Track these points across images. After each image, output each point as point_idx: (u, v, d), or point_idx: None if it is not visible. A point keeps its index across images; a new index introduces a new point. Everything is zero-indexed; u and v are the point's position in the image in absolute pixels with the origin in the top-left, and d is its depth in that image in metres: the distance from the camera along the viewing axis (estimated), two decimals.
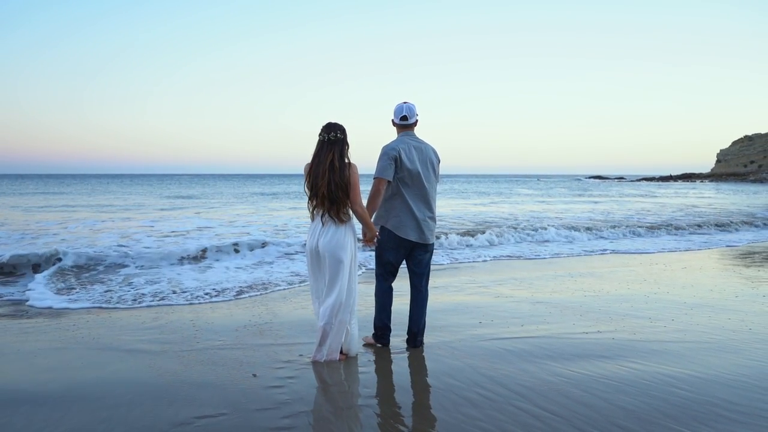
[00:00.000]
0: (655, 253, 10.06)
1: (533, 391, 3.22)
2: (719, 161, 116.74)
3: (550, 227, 12.59)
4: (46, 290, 6.40)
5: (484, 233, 11.44)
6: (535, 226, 13.43)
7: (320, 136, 3.68)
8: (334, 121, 3.72)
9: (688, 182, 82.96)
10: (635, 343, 4.22)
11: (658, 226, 13.94)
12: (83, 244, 9.92)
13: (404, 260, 4.10)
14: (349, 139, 3.73)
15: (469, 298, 6.07)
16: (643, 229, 13.22)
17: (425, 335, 4.25)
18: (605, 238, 12.11)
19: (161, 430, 2.77)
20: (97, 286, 6.72)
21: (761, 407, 2.99)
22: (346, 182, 3.61)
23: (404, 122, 4.03)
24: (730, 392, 3.19)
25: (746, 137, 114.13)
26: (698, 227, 13.96)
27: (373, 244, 3.93)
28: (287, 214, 19.04)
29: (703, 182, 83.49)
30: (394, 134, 4.13)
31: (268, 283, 6.90)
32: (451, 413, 2.95)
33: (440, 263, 8.69)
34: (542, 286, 6.72)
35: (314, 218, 3.78)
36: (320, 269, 3.78)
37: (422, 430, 2.79)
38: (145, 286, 6.68)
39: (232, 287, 6.59)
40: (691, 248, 10.79)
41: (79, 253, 8.11)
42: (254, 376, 3.53)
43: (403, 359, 3.92)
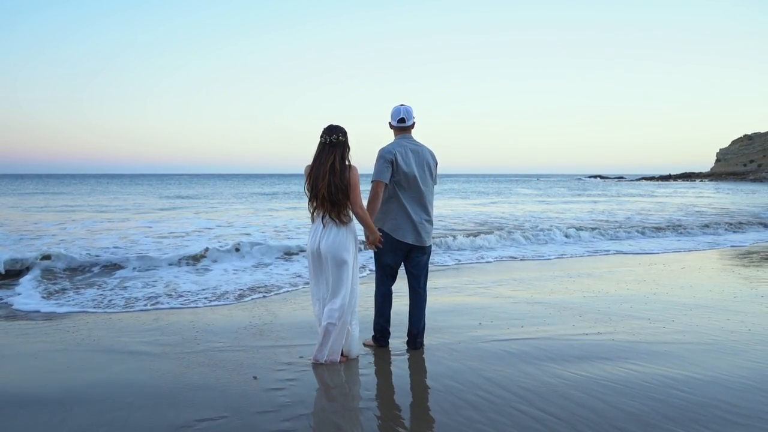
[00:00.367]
0: (657, 253, 10.06)
1: (534, 393, 3.23)
2: (719, 160, 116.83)
3: (552, 228, 12.58)
4: (34, 293, 6.27)
5: (486, 234, 11.41)
6: (536, 226, 13.45)
7: (322, 138, 3.69)
8: (335, 123, 3.73)
9: (687, 182, 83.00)
10: (635, 344, 4.22)
11: (658, 226, 13.92)
12: (81, 245, 9.86)
13: (402, 262, 4.10)
14: (349, 141, 3.74)
15: (469, 299, 6.07)
16: (645, 229, 13.16)
17: (426, 336, 4.25)
18: (607, 239, 12.05)
19: None
20: (90, 289, 6.60)
21: (761, 409, 2.99)
22: (346, 184, 3.62)
23: (402, 125, 4.02)
24: (730, 394, 3.19)
25: (746, 136, 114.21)
26: (705, 227, 13.88)
27: (375, 246, 3.90)
28: (286, 214, 19.05)
29: (702, 181, 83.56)
30: (393, 134, 4.13)
31: (267, 285, 6.85)
32: (451, 416, 2.95)
33: (444, 264, 8.69)
34: (542, 286, 6.72)
35: (315, 220, 3.79)
36: (321, 271, 3.78)
37: None
38: (141, 289, 6.55)
39: (231, 290, 6.53)
40: (693, 249, 10.74)
41: (72, 255, 7.95)
42: (255, 378, 3.53)
43: (403, 361, 3.93)
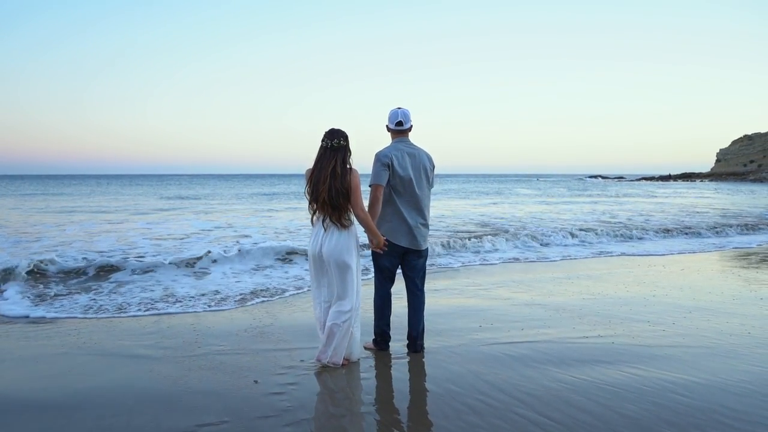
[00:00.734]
0: (659, 255, 10.05)
1: (535, 397, 3.23)
2: (719, 161, 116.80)
3: (556, 231, 12.57)
4: (21, 298, 6.15)
5: (488, 236, 11.38)
6: (538, 227, 13.45)
7: (323, 142, 3.70)
8: (337, 127, 3.74)
9: (687, 182, 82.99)
10: (635, 347, 4.23)
11: (660, 227, 13.82)
12: (78, 248, 9.81)
13: (399, 265, 4.11)
14: (350, 145, 3.75)
15: (469, 301, 6.07)
16: (647, 231, 13.05)
17: (426, 339, 4.26)
18: (609, 240, 11.97)
19: None
20: (84, 294, 6.44)
21: (761, 414, 2.99)
22: (347, 188, 3.63)
23: (399, 128, 4.03)
24: (730, 399, 3.19)
25: (746, 137, 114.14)
26: (712, 229, 13.77)
27: (380, 249, 3.86)
28: (286, 215, 19.05)
29: (702, 181, 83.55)
30: (390, 137, 4.13)
31: (268, 288, 6.79)
32: (452, 420, 2.96)
33: (449, 266, 8.66)
34: (542, 288, 6.72)
35: (315, 223, 3.80)
36: (323, 274, 3.79)
37: None
38: (137, 294, 6.41)
39: (232, 294, 6.43)
40: (697, 250, 10.69)
41: (63, 261, 7.76)
42: (255, 382, 3.53)
43: (403, 364, 3.93)
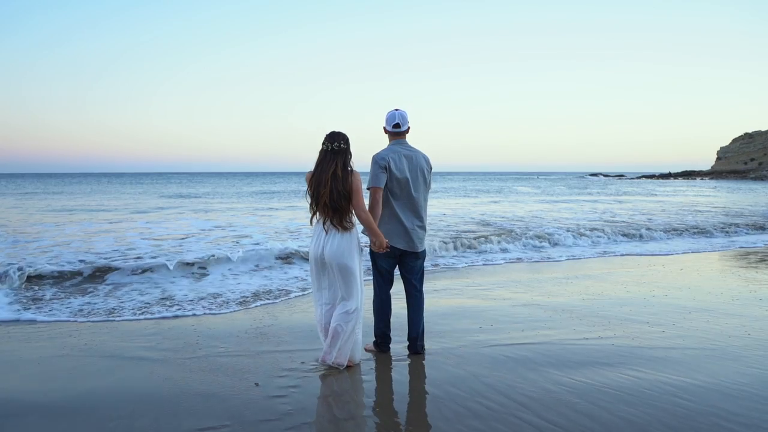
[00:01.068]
0: (661, 255, 10.05)
1: (536, 401, 3.23)
2: (719, 159, 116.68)
3: (556, 229, 12.55)
4: (13, 302, 6.02)
5: (490, 236, 11.36)
6: (539, 227, 13.43)
7: (324, 145, 3.71)
8: (337, 130, 3.75)
9: (688, 180, 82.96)
10: (636, 349, 4.23)
11: (662, 227, 13.72)
12: (76, 248, 9.75)
13: (397, 266, 4.13)
14: (353, 146, 3.77)
15: (469, 301, 6.08)
16: (649, 230, 12.97)
17: (426, 341, 4.27)
18: (610, 240, 11.89)
19: None
20: (79, 296, 6.32)
21: (762, 418, 2.99)
22: (349, 190, 3.64)
23: (396, 130, 4.03)
24: (731, 402, 3.20)
25: (746, 134, 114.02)
26: (718, 228, 13.68)
27: (382, 250, 3.86)
28: (286, 214, 19.04)
29: (703, 179, 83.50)
30: (387, 139, 4.13)
31: (268, 289, 6.73)
32: (453, 424, 2.96)
33: (450, 266, 8.65)
34: (542, 289, 6.72)
35: (315, 225, 3.80)
36: (324, 277, 3.81)
37: None
38: (135, 296, 6.30)
39: (233, 297, 6.33)
40: (701, 250, 10.66)
41: (52, 268, 7.53)
42: (256, 385, 3.54)
43: (404, 366, 3.93)
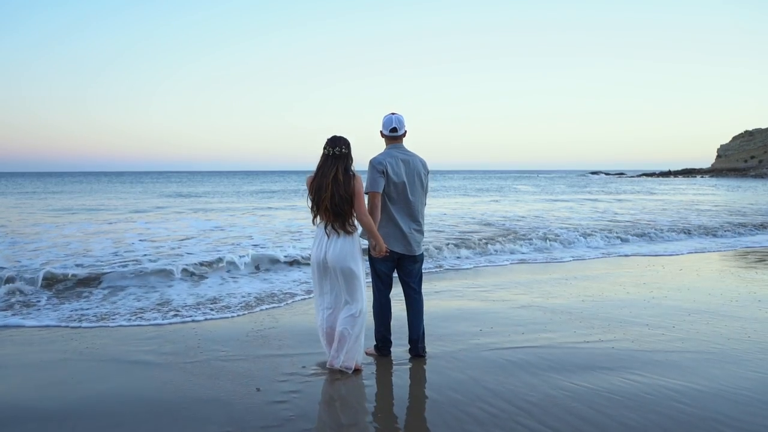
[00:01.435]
0: (661, 255, 10.04)
1: (537, 406, 3.23)
2: (719, 156, 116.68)
3: (556, 230, 12.50)
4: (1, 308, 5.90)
5: (490, 236, 11.34)
6: (540, 227, 13.41)
7: (325, 150, 3.72)
8: (339, 135, 3.77)
9: (688, 178, 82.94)
10: (636, 352, 4.23)
11: (664, 227, 13.57)
12: (74, 250, 9.71)
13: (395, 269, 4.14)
14: (353, 146, 3.79)
15: (470, 303, 6.08)
16: (651, 230, 12.86)
17: (427, 344, 4.27)
18: (612, 241, 11.71)
19: None
20: (73, 302, 6.20)
21: (763, 423, 3.00)
22: (351, 194, 3.66)
23: (393, 134, 4.04)
24: (731, 407, 3.20)
25: (746, 132, 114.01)
26: (728, 229, 13.51)
27: (383, 254, 3.88)
28: (286, 214, 19.03)
29: (703, 177, 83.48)
30: (384, 143, 4.14)
31: (269, 293, 6.63)
32: (454, 430, 2.96)
33: (451, 267, 8.61)
34: (543, 290, 6.73)
35: (317, 229, 3.82)
36: (326, 281, 3.82)
37: None
38: (132, 302, 6.17)
39: (233, 301, 6.20)
40: (706, 250, 10.60)
41: (56, 267, 7.52)
42: (258, 390, 3.54)
43: (405, 371, 3.94)
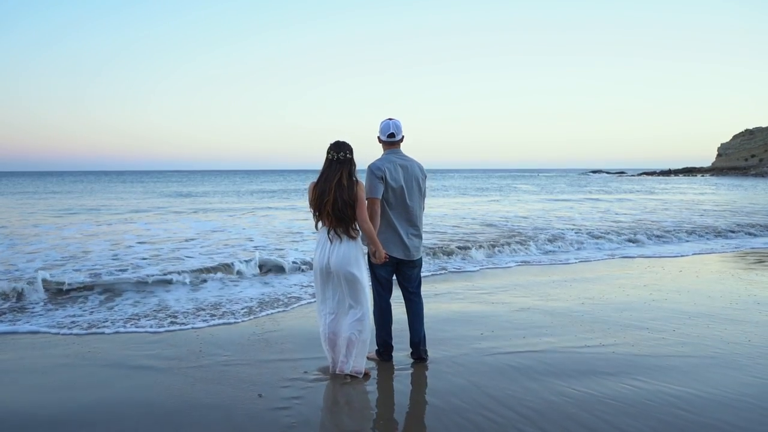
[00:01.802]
0: (665, 257, 10.04)
1: (538, 413, 3.24)
2: (720, 155, 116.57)
3: (557, 232, 12.47)
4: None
5: (493, 238, 11.32)
6: (543, 229, 13.40)
7: (329, 155, 3.74)
8: (342, 140, 3.80)
9: (688, 177, 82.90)
10: (637, 357, 4.24)
11: (668, 229, 13.47)
12: (72, 252, 9.71)
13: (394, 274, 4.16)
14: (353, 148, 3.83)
15: (471, 306, 6.08)
16: (656, 231, 12.75)
17: (429, 347, 4.29)
18: (614, 242, 11.57)
19: None
20: (72, 307, 6.10)
21: (763, 430, 3.01)
22: (354, 200, 3.67)
23: (391, 139, 4.06)
24: (732, 414, 3.21)
25: (747, 131, 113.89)
26: (729, 231, 13.33)
27: (382, 261, 3.90)
28: (287, 214, 19.03)
29: (703, 176, 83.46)
30: (381, 149, 4.16)
31: (270, 297, 6.56)
32: None
33: (454, 270, 8.60)
34: (543, 292, 6.73)
35: (320, 234, 3.83)
36: (329, 287, 3.83)
37: None
38: (132, 307, 6.06)
39: (236, 306, 6.11)
40: (711, 251, 10.59)
41: (54, 273, 7.41)
42: (260, 396, 3.55)
43: (406, 376, 3.95)
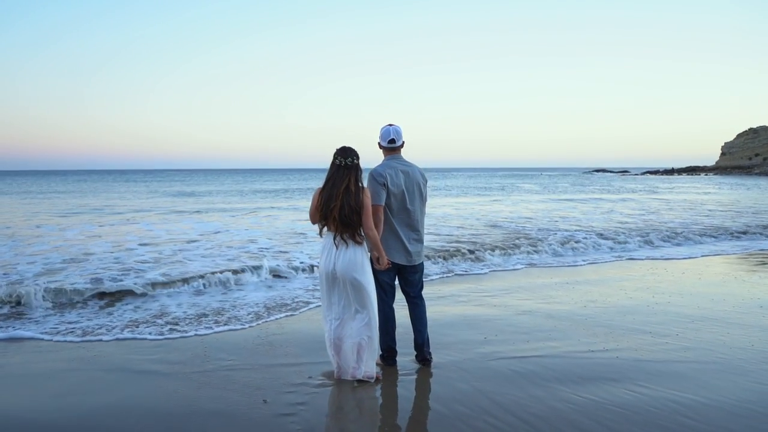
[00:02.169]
0: (668, 259, 10.01)
1: (542, 419, 3.25)
2: (724, 154, 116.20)
3: (561, 233, 12.43)
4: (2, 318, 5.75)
5: (499, 240, 11.29)
6: (545, 230, 13.37)
7: (337, 160, 3.75)
8: (348, 145, 3.82)
9: (692, 176, 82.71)
10: (641, 363, 4.24)
11: (674, 229, 13.37)
12: (74, 253, 9.68)
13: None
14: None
15: (475, 309, 6.09)
16: (659, 232, 12.62)
17: (433, 352, 4.31)
18: (616, 243, 11.41)
19: None
20: (72, 312, 6.01)
21: None
22: (360, 206, 3.69)
23: (392, 145, 4.10)
24: (736, 422, 3.21)
25: (751, 130, 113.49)
26: (741, 232, 13.11)
27: (386, 267, 3.93)
28: (290, 215, 19.04)
29: (707, 175, 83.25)
30: (382, 154, 4.19)
31: (274, 301, 6.47)
32: None
33: (457, 272, 8.56)
34: (546, 294, 6.73)
35: (325, 238, 3.85)
36: (334, 292, 3.85)
37: None
38: (129, 313, 5.96)
39: (235, 311, 6.00)
40: (720, 252, 10.53)
41: (57, 279, 7.34)
42: (264, 402, 3.57)
43: (411, 381, 3.96)
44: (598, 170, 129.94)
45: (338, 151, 3.78)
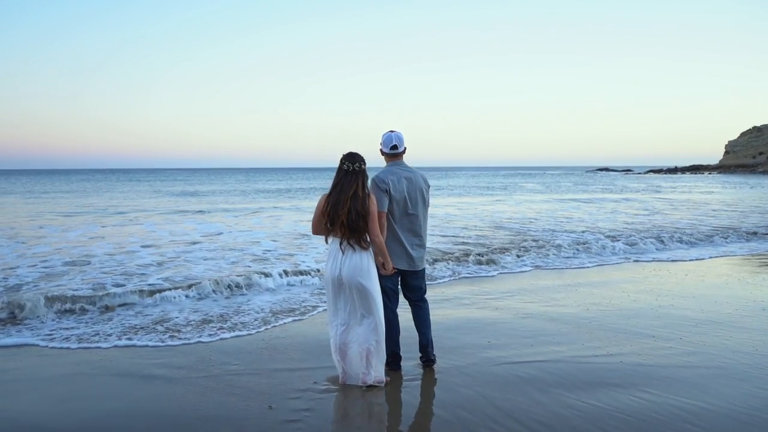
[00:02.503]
0: (671, 261, 10.01)
1: (547, 426, 3.26)
2: (728, 152, 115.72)
3: (565, 235, 12.39)
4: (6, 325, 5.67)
5: (504, 241, 11.28)
6: (548, 230, 13.34)
7: (344, 165, 3.77)
8: (354, 151, 3.85)
9: (696, 174, 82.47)
10: (645, 368, 4.24)
11: (680, 230, 13.35)
12: (76, 256, 9.69)
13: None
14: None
15: (478, 312, 6.09)
16: (666, 234, 12.49)
17: (437, 356, 4.34)
18: (618, 244, 11.25)
19: None
20: (73, 317, 6.00)
21: None
22: (367, 211, 3.70)
23: (394, 151, 4.12)
24: (741, 428, 3.21)
25: (755, 128, 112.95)
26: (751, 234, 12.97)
27: (390, 273, 3.98)
28: (293, 215, 19.07)
29: (711, 174, 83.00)
30: (384, 160, 4.22)
31: (278, 306, 6.43)
32: None
33: (460, 274, 8.58)
34: (551, 298, 6.74)
35: (331, 244, 3.87)
36: (340, 298, 3.86)
37: None
38: (129, 319, 5.89)
39: (240, 317, 5.92)
40: (726, 254, 10.49)
41: (63, 281, 7.33)
42: (270, 408, 3.58)
43: (415, 387, 3.97)
44: (601, 169, 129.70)
45: (345, 156, 3.80)
